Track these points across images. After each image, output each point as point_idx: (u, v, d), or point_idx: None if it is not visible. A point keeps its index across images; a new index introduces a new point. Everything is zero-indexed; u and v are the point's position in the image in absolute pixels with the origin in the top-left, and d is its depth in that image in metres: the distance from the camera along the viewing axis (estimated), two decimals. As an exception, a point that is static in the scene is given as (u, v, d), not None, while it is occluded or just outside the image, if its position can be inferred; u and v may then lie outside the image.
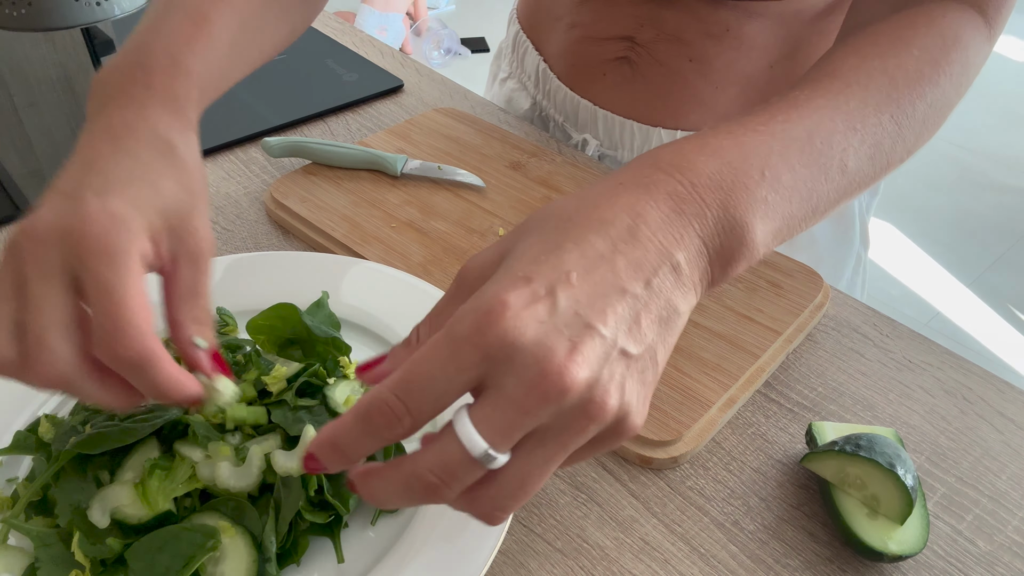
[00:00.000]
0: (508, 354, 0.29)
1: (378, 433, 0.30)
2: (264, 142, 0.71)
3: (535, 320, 0.29)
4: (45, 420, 0.44)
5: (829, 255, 0.77)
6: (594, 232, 0.31)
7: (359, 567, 0.41)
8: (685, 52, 0.70)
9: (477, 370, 0.29)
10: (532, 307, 0.29)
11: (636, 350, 0.31)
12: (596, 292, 0.30)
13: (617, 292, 0.30)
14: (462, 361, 0.29)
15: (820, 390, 0.53)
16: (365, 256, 0.61)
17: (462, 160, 0.71)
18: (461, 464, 0.29)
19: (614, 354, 0.30)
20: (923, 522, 0.43)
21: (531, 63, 0.83)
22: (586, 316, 0.29)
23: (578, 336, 0.29)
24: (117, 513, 0.40)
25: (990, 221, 2.51)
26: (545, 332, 0.29)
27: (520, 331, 0.29)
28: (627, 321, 0.30)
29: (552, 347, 0.29)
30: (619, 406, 0.30)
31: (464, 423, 0.29)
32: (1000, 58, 3.46)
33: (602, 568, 0.43)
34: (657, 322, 0.31)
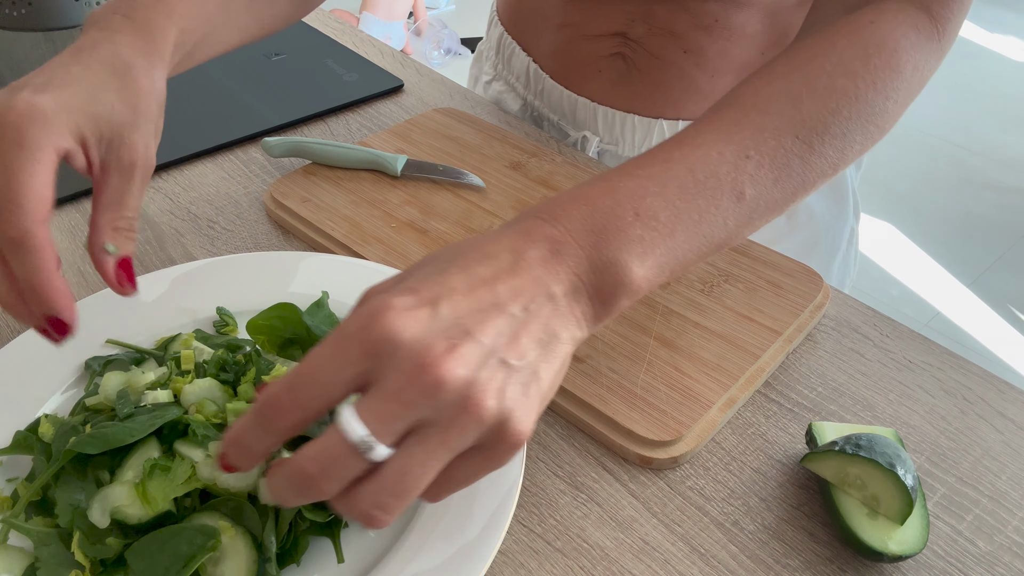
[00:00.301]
0: (389, 349, 0.30)
1: (270, 426, 0.32)
2: (264, 142, 0.71)
3: (416, 321, 0.31)
4: (45, 420, 0.44)
5: (827, 229, 0.79)
6: (478, 262, 0.34)
7: (359, 567, 0.41)
8: (678, 44, 0.71)
9: (361, 365, 0.31)
10: (415, 310, 0.31)
11: (516, 362, 0.32)
12: (477, 307, 0.32)
13: (496, 309, 0.33)
14: (347, 356, 0.31)
15: (820, 390, 0.53)
16: (365, 256, 0.61)
17: (462, 160, 0.71)
18: (340, 452, 0.30)
19: (492, 361, 0.32)
20: (923, 522, 0.43)
21: (519, 64, 0.83)
22: (466, 324, 0.32)
23: (457, 339, 0.31)
24: (117, 513, 0.40)
25: (990, 221, 2.51)
26: (425, 331, 0.31)
27: (401, 328, 0.30)
28: (506, 335, 0.32)
29: (431, 343, 0.30)
30: (498, 409, 0.31)
31: (345, 411, 0.30)
32: (1000, 58, 3.46)
33: (602, 568, 0.43)
34: (537, 342, 0.33)
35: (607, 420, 0.49)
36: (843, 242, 0.82)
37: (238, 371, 0.47)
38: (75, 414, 0.46)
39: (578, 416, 0.50)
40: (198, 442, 0.41)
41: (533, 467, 0.48)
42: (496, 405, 0.31)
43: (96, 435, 0.41)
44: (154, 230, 0.65)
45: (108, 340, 0.51)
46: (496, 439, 0.32)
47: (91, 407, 0.45)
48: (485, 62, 0.91)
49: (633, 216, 0.37)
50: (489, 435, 0.32)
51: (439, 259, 0.35)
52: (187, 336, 0.50)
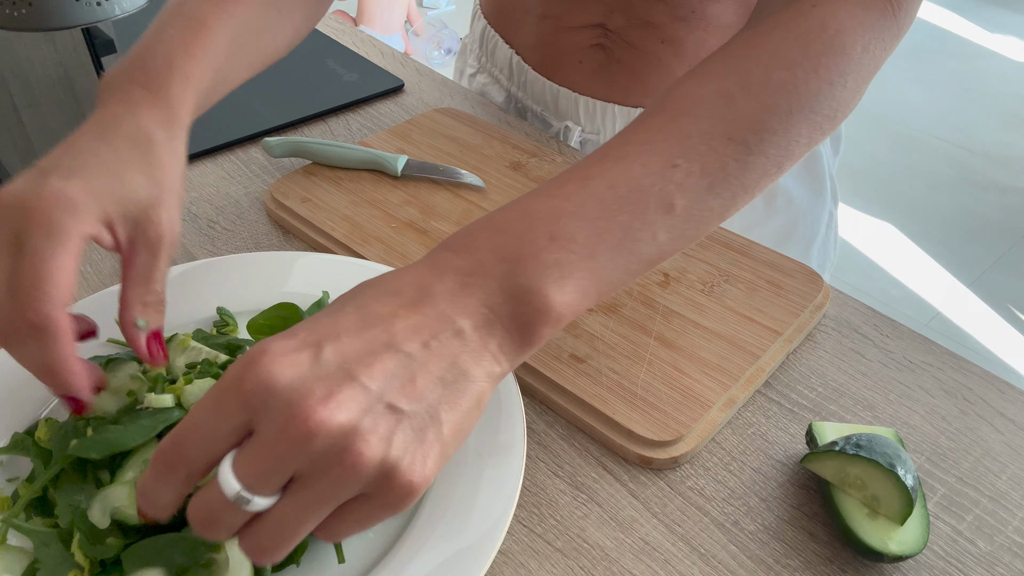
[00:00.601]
0: (263, 399, 0.29)
1: (166, 480, 0.31)
2: (264, 142, 0.71)
3: (293, 366, 0.30)
4: (44, 424, 0.44)
5: (806, 213, 0.81)
6: (376, 300, 0.33)
7: (359, 567, 0.41)
8: (656, 35, 0.73)
9: (239, 417, 0.30)
10: (294, 354, 0.30)
11: (408, 407, 0.31)
12: (366, 349, 0.31)
13: (389, 350, 0.31)
14: (224, 408, 0.30)
15: (820, 390, 0.53)
16: (365, 256, 0.61)
17: (462, 160, 0.71)
18: (220, 506, 0.30)
19: (379, 407, 0.30)
20: (923, 522, 0.43)
21: (502, 57, 0.85)
22: (350, 368, 0.30)
23: (337, 385, 0.30)
24: (117, 514, 0.39)
25: (990, 221, 2.51)
26: (301, 377, 0.30)
27: (276, 375, 0.29)
28: (399, 378, 0.31)
29: (306, 391, 0.29)
30: (381, 458, 0.30)
31: (223, 467, 0.30)
32: (1000, 58, 3.46)
33: (602, 568, 0.43)
34: (438, 383, 0.32)
35: (607, 420, 0.49)
36: (822, 226, 0.83)
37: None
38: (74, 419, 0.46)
39: (578, 416, 0.50)
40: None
41: (533, 467, 0.48)
42: (378, 454, 0.30)
43: (98, 440, 0.41)
44: (154, 230, 0.65)
45: (108, 340, 0.51)
46: (383, 488, 0.31)
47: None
48: (469, 55, 0.92)
49: (547, 240, 0.35)
50: (375, 484, 0.30)
51: (342, 299, 0.34)
52: (184, 336, 0.50)
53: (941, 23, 3.74)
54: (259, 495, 0.30)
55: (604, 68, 0.76)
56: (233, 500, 0.30)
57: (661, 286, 0.58)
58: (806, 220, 0.81)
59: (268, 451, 0.29)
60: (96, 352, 0.51)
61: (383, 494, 0.31)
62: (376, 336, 0.31)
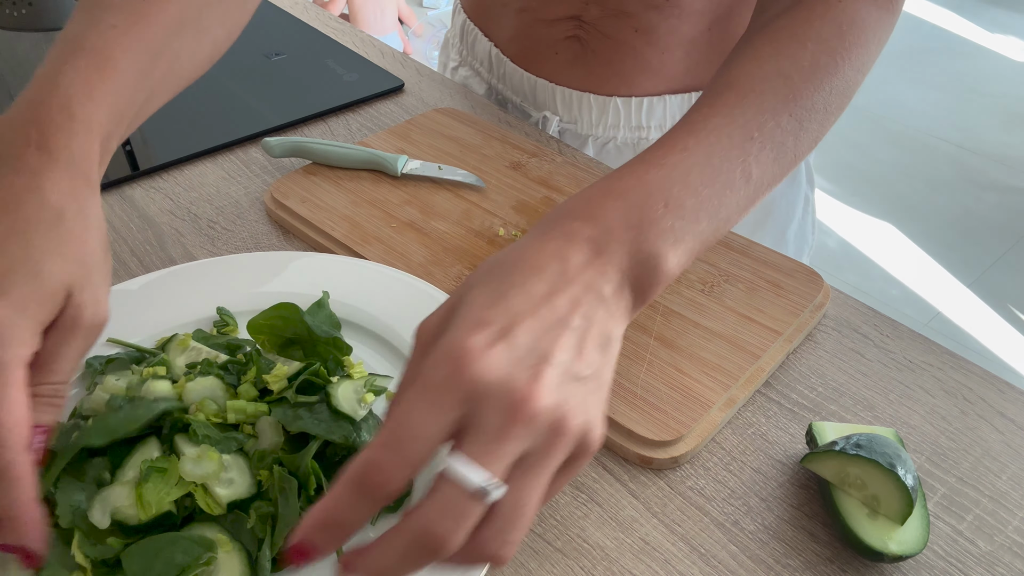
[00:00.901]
0: (481, 392, 0.31)
1: (375, 494, 0.31)
2: (264, 142, 0.71)
3: (498, 357, 0.32)
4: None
5: (781, 197, 0.83)
6: (532, 277, 0.35)
7: (359, 567, 0.41)
8: (630, 24, 0.74)
9: (458, 411, 0.31)
10: (494, 347, 0.32)
11: (587, 373, 0.34)
12: (545, 327, 0.33)
13: (561, 325, 0.34)
14: (444, 405, 0.31)
15: (820, 390, 0.53)
16: (365, 256, 0.61)
17: (462, 160, 0.71)
18: (463, 503, 0.31)
19: (569, 379, 0.33)
20: (923, 522, 0.43)
21: (482, 50, 0.87)
22: (541, 348, 0.33)
23: (538, 367, 0.32)
24: (118, 514, 0.39)
25: (990, 221, 2.51)
26: (508, 366, 0.32)
27: (487, 369, 0.31)
28: (574, 349, 0.34)
29: (517, 378, 0.32)
30: (583, 423, 0.33)
31: (457, 464, 0.31)
32: (1000, 58, 3.46)
33: (602, 568, 0.43)
34: (599, 348, 0.35)
35: (607, 420, 0.49)
36: (798, 209, 0.85)
37: (239, 371, 0.47)
38: (73, 418, 0.46)
39: (578, 416, 0.50)
40: (197, 441, 0.42)
41: (533, 467, 0.48)
42: (581, 421, 0.33)
43: (99, 427, 0.41)
44: (154, 230, 0.65)
45: (109, 339, 0.51)
46: (580, 450, 0.34)
47: (85, 415, 0.45)
48: (451, 49, 0.94)
49: (663, 207, 0.39)
50: (576, 448, 0.33)
51: (489, 279, 0.35)
52: (183, 336, 0.50)
53: (941, 23, 3.74)
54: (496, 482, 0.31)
55: (579, 58, 0.79)
56: (478, 491, 0.30)
57: (661, 286, 0.58)
58: (781, 204, 0.83)
59: (499, 437, 0.31)
60: (97, 352, 0.51)
61: (579, 456, 0.34)
62: (547, 314, 0.34)
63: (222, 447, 0.42)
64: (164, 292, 0.55)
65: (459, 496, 0.30)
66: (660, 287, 0.39)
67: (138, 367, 0.48)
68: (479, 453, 0.31)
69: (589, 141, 0.82)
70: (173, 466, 0.41)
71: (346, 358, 0.48)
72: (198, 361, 0.48)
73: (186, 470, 0.40)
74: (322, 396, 0.45)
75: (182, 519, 0.41)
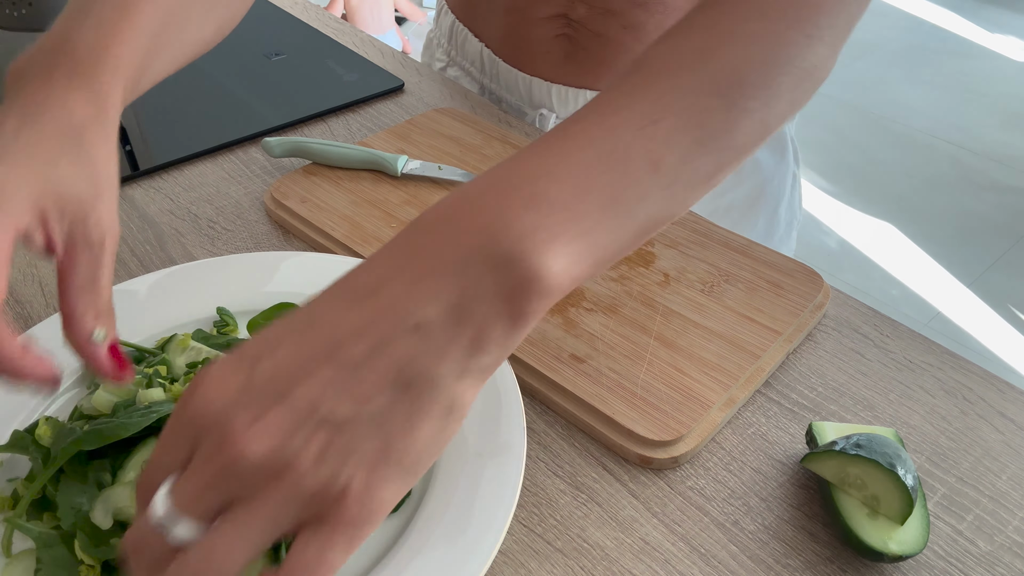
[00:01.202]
0: (200, 425, 0.29)
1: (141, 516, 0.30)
2: (264, 142, 0.71)
3: (224, 390, 0.29)
4: (44, 423, 0.44)
5: (772, 176, 0.85)
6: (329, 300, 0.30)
7: (359, 567, 0.41)
8: (618, 21, 0.75)
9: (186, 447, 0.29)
10: (229, 377, 0.29)
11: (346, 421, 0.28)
12: (302, 360, 0.29)
13: (327, 359, 0.29)
14: (175, 438, 0.30)
15: (820, 390, 0.53)
16: (365, 256, 0.60)
17: (462, 160, 0.71)
18: (145, 532, 0.29)
19: (310, 424, 0.28)
20: (923, 522, 0.43)
21: (472, 50, 0.87)
22: (280, 385, 0.29)
23: (264, 407, 0.28)
24: (120, 514, 0.40)
25: (990, 221, 2.51)
26: (231, 402, 0.28)
27: (211, 400, 0.29)
28: (336, 389, 0.29)
29: (233, 416, 0.28)
30: (317, 477, 0.28)
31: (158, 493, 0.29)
32: (1000, 58, 3.46)
33: (602, 568, 0.43)
34: (387, 389, 0.29)
35: (607, 420, 0.49)
36: (787, 187, 0.88)
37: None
38: (73, 419, 0.46)
39: (578, 416, 0.50)
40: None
41: (533, 467, 0.48)
42: (313, 473, 0.28)
43: (92, 432, 0.41)
44: (154, 230, 0.65)
45: (108, 340, 0.51)
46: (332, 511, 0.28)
47: (86, 414, 0.45)
48: (436, 49, 0.94)
49: (522, 206, 0.32)
50: (319, 507, 0.28)
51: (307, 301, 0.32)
52: (183, 336, 0.50)
53: (941, 23, 3.74)
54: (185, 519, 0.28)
55: (571, 57, 0.80)
56: (156, 523, 0.28)
57: (661, 286, 0.58)
58: (772, 183, 0.86)
59: (199, 476, 0.28)
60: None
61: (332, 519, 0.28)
62: (315, 344, 0.29)
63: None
64: (164, 292, 0.55)
65: (144, 524, 0.29)
66: (541, 297, 0.31)
67: (138, 367, 0.48)
68: (179, 488, 0.29)
69: None
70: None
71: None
72: (198, 361, 0.48)
73: None
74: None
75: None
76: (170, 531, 0.28)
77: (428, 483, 0.45)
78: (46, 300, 0.58)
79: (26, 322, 0.57)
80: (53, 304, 0.58)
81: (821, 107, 3.08)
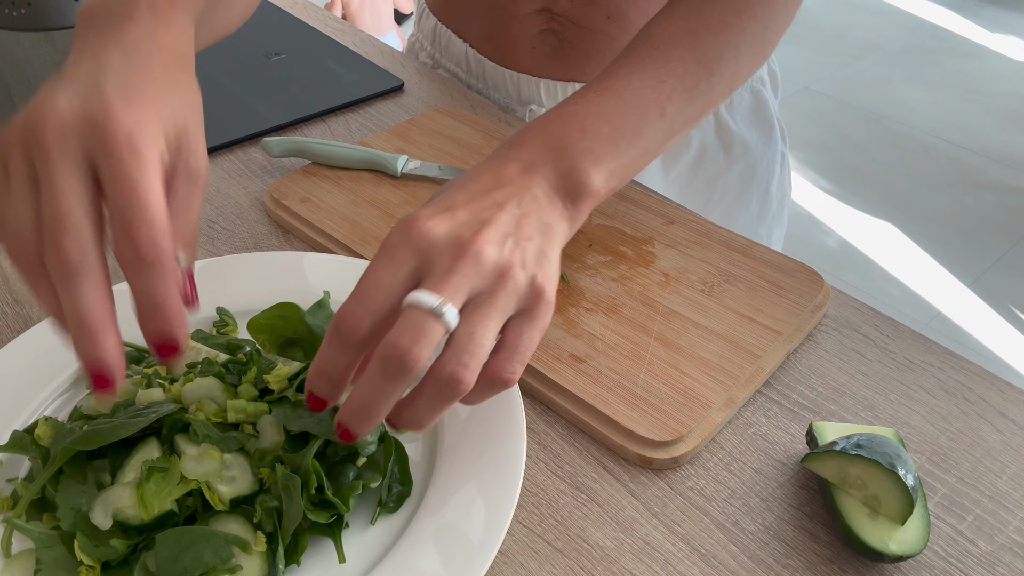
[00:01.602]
0: (429, 245, 0.37)
1: (348, 339, 0.37)
2: (264, 142, 0.71)
3: (442, 222, 0.38)
4: (44, 423, 0.44)
5: (762, 156, 0.88)
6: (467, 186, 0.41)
7: (359, 567, 0.41)
8: (601, 12, 0.77)
9: (411, 264, 0.37)
10: (437, 216, 0.38)
11: (526, 242, 0.39)
12: (483, 207, 0.40)
13: (498, 207, 0.40)
14: (397, 260, 0.37)
15: (821, 390, 0.53)
16: (365, 256, 0.61)
17: (462, 160, 0.71)
18: (422, 320, 0.35)
19: (510, 241, 0.39)
20: (924, 522, 0.43)
21: (457, 51, 0.87)
22: (481, 217, 0.39)
23: (479, 227, 0.38)
24: (120, 515, 0.39)
25: (990, 221, 2.51)
26: (453, 227, 0.38)
27: (433, 228, 0.38)
28: (512, 223, 0.40)
29: (461, 232, 0.38)
30: (526, 274, 0.38)
31: (415, 294, 0.36)
32: (1000, 58, 3.46)
33: (602, 568, 0.43)
34: (537, 230, 0.41)
35: (607, 420, 0.49)
36: (776, 166, 0.91)
37: (239, 370, 0.47)
38: (73, 419, 0.46)
39: (578, 416, 0.50)
40: (198, 440, 0.42)
41: (533, 467, 0.48)
42: (524, 271, 0.38)
43: (90, 432, 0.41)
44: (154, 230, 0.65)
45: (108, 340, 0.51)
46: (535, 303, 0.39)
47: (86, 414, 0.45)
48: (420, 52, 0.95)
49: (580, 133, 0.45)
50: (526, 298, 0.38)
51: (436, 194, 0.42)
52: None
53: (941, 23, 3.74)
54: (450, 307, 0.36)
55: (557, 51, 0.80)
56: (433, 310, 0.36)
57: (661, 286, 0.58)
58: (762, 162, 0.89)
59: (450, 273, 0.36)
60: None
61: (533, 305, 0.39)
62: (485, 201, 0.40)
63: (223, 446, 0.42)
64: (164, 292, 0.55)
65: (418, 315, 0.35)
66: (591, 199, 0.45)
67: (137, 367, 0.48)
68: (433, 286, 0.36)
69: None
70: (174, 466, 0.41)
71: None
72: (198, 361, 0.48)
73: (188, 469, 0.40)
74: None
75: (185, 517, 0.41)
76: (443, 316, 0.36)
77: (428, 483, 0.45)
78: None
79: (26, 322, 0.57)
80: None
81: (821, 107, 3.08)
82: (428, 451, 0.47)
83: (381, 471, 0.44)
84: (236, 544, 0.39)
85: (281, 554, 0.40)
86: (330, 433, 0.43)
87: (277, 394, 0.45)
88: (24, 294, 0.59)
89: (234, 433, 0.43)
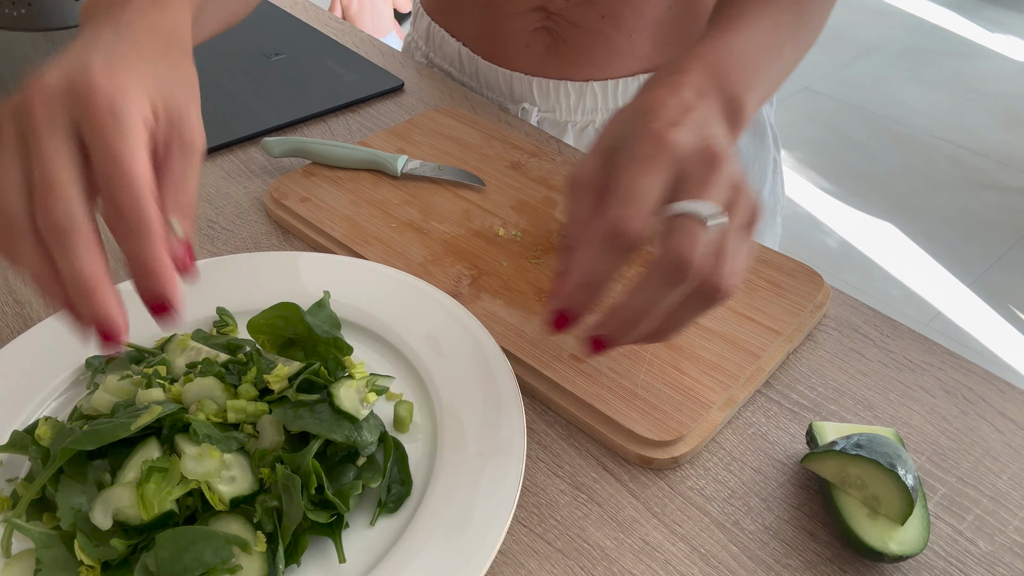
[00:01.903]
0: (684, 153, 0.40)
1: (622, 244, 0.39)
2: (264, 142, 0.71)
3: (685, 133, 0.41)
4: (44, 423, 0.44)
5: (753, 161, 0.89)
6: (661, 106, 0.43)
7: (359, 567, 0.41)
8: (596, 10, 0.78)
9: (669, 171, 0.40)
10: (675, 128, 0.41)
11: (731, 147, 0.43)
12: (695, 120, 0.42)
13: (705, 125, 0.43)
14: (659, 168, 0.40)
15: (820, 390, 0.53)
16: (365, 256, 0.61)
17: (462, 160, 0.71)
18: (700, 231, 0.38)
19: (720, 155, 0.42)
20: (924, 522, 0.43)
21: (450, 50, 0.88)
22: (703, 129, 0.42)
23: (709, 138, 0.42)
24: (120, 514, 0.39)
25: (990, 221, 2.51)
26: (691, 138, 0.41)
27: (683, 139, 0.41)
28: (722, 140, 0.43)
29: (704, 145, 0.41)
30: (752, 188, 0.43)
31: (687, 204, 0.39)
32: (1000, 58, 3.46)
33: (602, 568, 0.43)
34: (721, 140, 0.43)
35: (607, 420, 0.49)
36: (768, 172, 0.91)
37: (239, 370, 0.47)
38: (73, 419, 0.46)
39: (578, 416, 0.50)
40: (198, 440, 0.42)
41: (533, 467, 0.48)
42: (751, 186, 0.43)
43: (90, 432, 0.41)
44: (154, 230, 0.65)
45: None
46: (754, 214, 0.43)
47: (86, 414, 0.45)
48: (415, 51, 0.95)
49: (734, 64, 0.49)
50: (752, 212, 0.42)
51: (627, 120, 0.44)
52: (183, 336, 0.50)
53: (941, 23, 3.74)
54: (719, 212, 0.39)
55: (551, 49, 0.81)
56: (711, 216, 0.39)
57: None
58: (753, 168, 0.89)
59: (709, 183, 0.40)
60: (97, 351, 0.51)
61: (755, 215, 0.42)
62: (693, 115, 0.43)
63: (223, 446, 0.42)
64: (164, 292, 0.55)
65: (696, 226, 0.38)
66: (745, 123, 0.49)
67: (138, 367, 0.48)
68: (699, 195, 0.39)
69: (568, 127, 0.84)
70: (174, 466, 0.41)
71: (347, 358, 0.48)
72: (198, 361, 0.48)
73: (188, 468, 0.40)
74: (323, 395, 0.45)
75: (185, 517, 0.41)
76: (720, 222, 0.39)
77: (428, 483, 0.45)
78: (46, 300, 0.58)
79: (26, 322, 0.57)
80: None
81: (821, 107, 3.08)
82: (428, 451, 0.47)
83: (381, 471, 0.44)
84: (236, 544, 0.39)
85: (281, 554, 0.40)
86: (330, 432, 0.43)
87: (277, 394, 0.45)
88: (24, 294, 0.59)
89: (234, 433, 0.43)
